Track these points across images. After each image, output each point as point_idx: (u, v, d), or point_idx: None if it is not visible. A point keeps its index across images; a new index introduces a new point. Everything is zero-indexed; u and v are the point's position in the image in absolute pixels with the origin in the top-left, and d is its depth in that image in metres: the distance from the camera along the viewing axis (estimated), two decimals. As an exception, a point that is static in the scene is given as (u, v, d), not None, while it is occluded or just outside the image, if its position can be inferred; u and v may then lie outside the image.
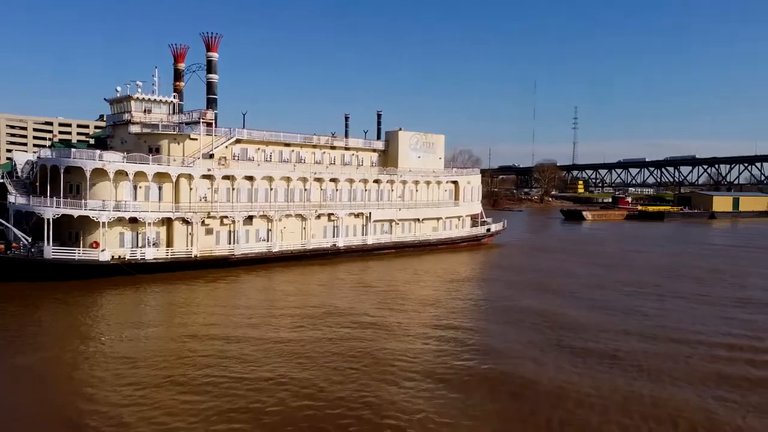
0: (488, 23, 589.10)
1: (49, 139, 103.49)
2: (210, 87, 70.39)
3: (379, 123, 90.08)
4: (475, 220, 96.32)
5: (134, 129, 64.37)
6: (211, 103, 70.63)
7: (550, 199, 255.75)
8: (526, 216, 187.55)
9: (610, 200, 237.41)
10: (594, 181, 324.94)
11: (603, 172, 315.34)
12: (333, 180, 75.84)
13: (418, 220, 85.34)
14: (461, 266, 73.85)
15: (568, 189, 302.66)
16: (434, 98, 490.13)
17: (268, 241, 69.11)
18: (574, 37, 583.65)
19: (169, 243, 62.01)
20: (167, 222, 61.78)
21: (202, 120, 64.13)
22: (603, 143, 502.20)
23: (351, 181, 77.67)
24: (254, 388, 28.82)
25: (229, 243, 65.86)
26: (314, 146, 76.85)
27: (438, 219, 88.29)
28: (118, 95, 66.76)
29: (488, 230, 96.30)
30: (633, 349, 36.66)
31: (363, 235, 78.87)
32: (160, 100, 66.15)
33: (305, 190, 73.11)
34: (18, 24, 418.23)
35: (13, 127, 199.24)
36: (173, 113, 67.72)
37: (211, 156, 64.97)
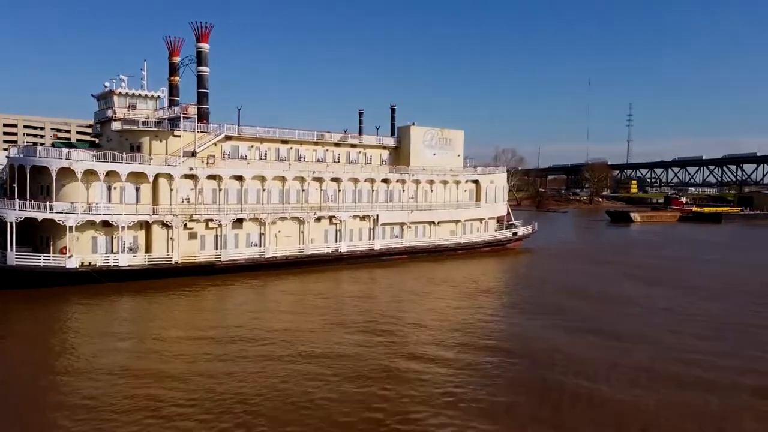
0: (535, 23, 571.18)
1: (54, 137, 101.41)
2: (200, 80, 65.46)
3: (393, 119, 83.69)
4: (501, 223, 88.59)
5: (116, 126, 60.08)
6: (201, 98, 65.72)
7: (600, 199, 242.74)
8: (570, 218, 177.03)
9: (663, 201, 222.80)
10: (650, 180, 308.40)
11: (659, 171, 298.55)
12: (335, 180, 69.83)
13: (434, 223, 78.37)
14: (481, 275, 66.57)
15: (621, 189, 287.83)
16: (473, 97, 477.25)
17: (260, 246, 63.69)
18: (628, 34, 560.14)
19: (149, 248, 57.35)
20: (146, 226, 57.11)
21: (182, 115, 59.20)
22: (664, 141, 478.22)
23: (355, 180, 71.47)
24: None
25: (216, 248, 60.73)
26: (315, 143, 71.03)
27: (456, 222, 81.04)
28: (104, 91, 62.67)
29: (514, 234, 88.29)
30: None
31: (370, 239, 72.53)
32: (146, 95, 61.66)
33: (303, 190, 67.36)
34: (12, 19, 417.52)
35: (32, 128, 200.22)
36: (161, 109, 63.11)
37: (194, 154, 59.94)
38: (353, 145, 74.62)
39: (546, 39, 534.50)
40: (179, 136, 60.60)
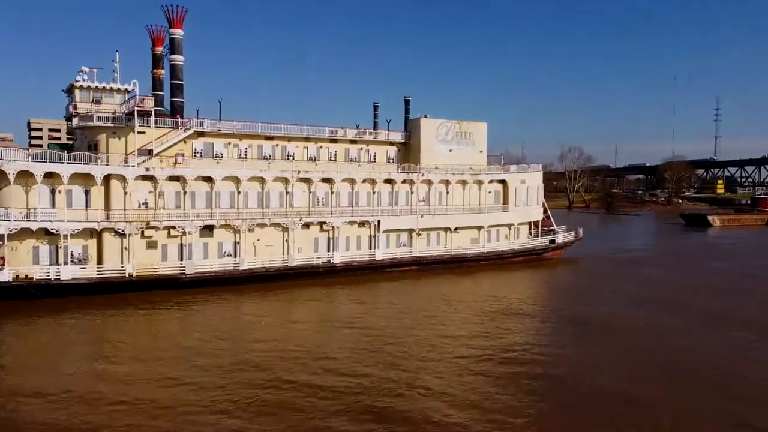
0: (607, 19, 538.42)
1: (50, 138, 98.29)
2: (174, 71, 58.62)
3: (406, 112, 74.00)
4: (541, 229, 77.17)
5: (75, 122, 54.00)
6: (175, 90, 58.85)
7: (680, 200, 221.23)
8: (640, 221, 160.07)
9: (748, 202, 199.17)
10: (740, 180, 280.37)
11: (749, 169, 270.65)
12: (325, 180, 61.07)
13: (450, 229, 68.09)
14: (506, 291, 56.04)
15: (706, 189, 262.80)
16: (533, 94, 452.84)
17: (235, 256, 55.87)
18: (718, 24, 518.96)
19: (101, 259, 50.74)
20: (96, 234, 50.52)
21: (137, 108, 52.17)
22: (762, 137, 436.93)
23: (351, 181, 62.41)
24: None
25: (181, 259, 53.38)
26: (306, 139, 62.56)
27: (479, 228, 70.38)
28: (69, 85, 56.82)
29: (552, 241, 76.37)
30: None
31: (371, 248, 63.26)
32: (112, 89, 55.16)
33: (287, 193, 59.02)
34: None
35: (56, 130, 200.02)
36: (125, 103, 56.55)
37: (150, 153, 52.84)
38: (353, 141, 65.60)
39: (621, 32, 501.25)
40: (143, 132, 53.72)
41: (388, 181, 64.61)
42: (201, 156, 56.84)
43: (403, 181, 65.44)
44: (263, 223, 57.15)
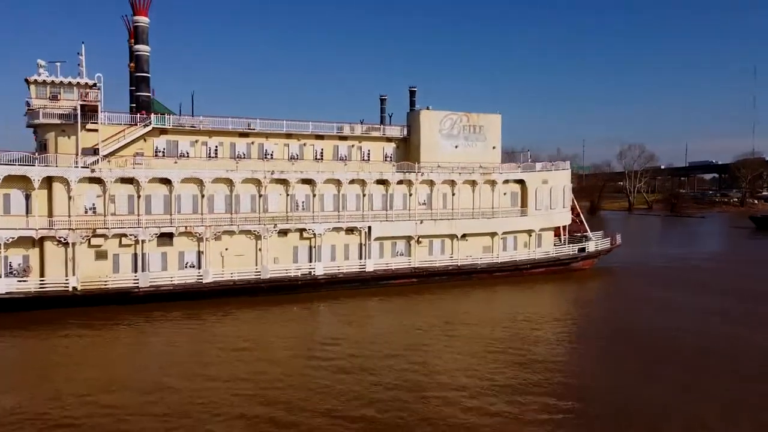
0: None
1: None
2: (138, 62, 53.29)
3: (412, 104, 66.14)
4: (580, 235, 68.07)
5: (27, 120, 49.42)
6: (140, 84, 53.50)
7: (755, 201, 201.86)
8: (706, 224, 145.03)
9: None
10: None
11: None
12: (306, 181, 54.12)
13: (456, 236, 59.74)
14: (521, 310, 47.56)
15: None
16: (587, 87, 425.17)
17: (198, 267, 49.75)
18: None
19: (43, 271, 45.69)
20: (38, 243, 45.47)
21: (81, 103, 46.79)
22: None
23: (337, 182, 55.17)
24: None
25: (135, 271, 47.68)
26: (288, 136, 55.85)
27: (492, 235, 61.67)
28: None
29: (581, 250, 66.62)
30: None
31: (360, 258, 55.84)
32: (71, 83, 50.11)
33: (260, 196, 52.41)
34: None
35: None
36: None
37: (96, 152, 47.37)
38: (342, 138, 58.37)
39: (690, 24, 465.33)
40: (94, 130, 48.46)
41: (381, 182, 56.97)
42: (164, 155, 51.07)
43: (399, 182, 57.65)
44: (231, 230, 50.72)
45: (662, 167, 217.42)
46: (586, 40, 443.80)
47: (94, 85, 50.51)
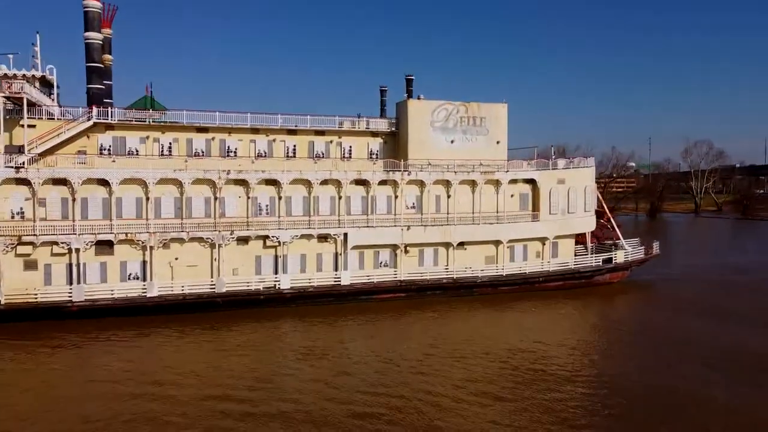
0: None
1: None
2: (88, 51, 48.39)
3: (409, 95, 58.49)
4: (611, 243, 59.81)
5: (-34, 116, 45.15)
6: (91, 75, 48.56)
7: None
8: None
9: None
10: None
11: None
12: (270, 182, 47.56)
13: (451, 245, 51.77)
14: (526, 336, 39.66)
15: None
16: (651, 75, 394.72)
17: (144, 279, 44.12)
18: None
19: (-33, 282, 41.17)
20: (-39, 251, 41.00)
21: (2, 95, 41.88)
22: None
23: (306, 183, 48.34)
24: None
25: (69, 283, 42.51)
26: (253, 131, 49.56)
27: (496, 243, 53.31)
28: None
29: (608, 261, 57.11)
30: None
31: (335, 270, 48.85)
32: (15, 75, 45.64)
33: (215, 198, 46.25)
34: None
35: None
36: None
37: (20, 149, 42.38)
38: (319, 132, 51.53)
39: None
40: (33, 126, 43.71)
41: (360, 182, 49.73)
42: (110, 154, 45.76)
43: (382, 183, 50.23)
44: (180, 237, 44.81)
45: (736, 165, 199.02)
46: (651, 31, 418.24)
47: (40, 78, 46.00)
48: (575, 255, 57.73)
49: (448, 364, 32.94)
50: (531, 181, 54.98)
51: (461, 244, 52.21)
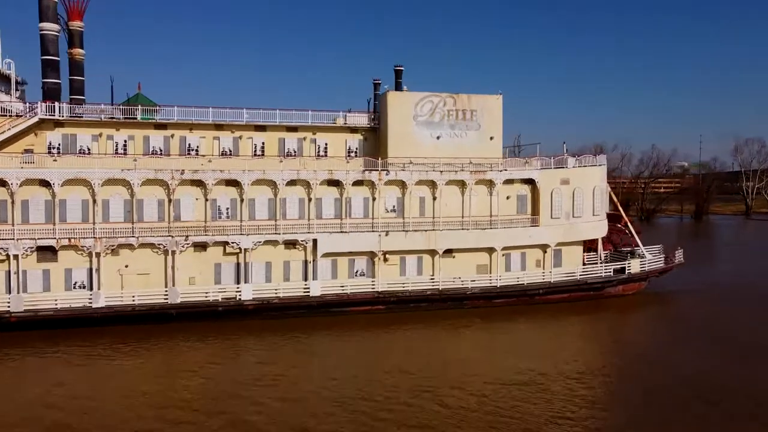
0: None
1: None
2: (43, 43, 45.27)
3: (398, 87, 53.53)
4: (628, 250, 53.92)
5: None
6: (46, 68, 45.48)
7: None
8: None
9: None
10: None
11: None
12: (230, 183, 43.40)
13: (437, 252, 46.59)
14: (519, 361, 34.38)
15: None
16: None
17: (90, 288, 40.63)
18: None
19: None
20: None
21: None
22: None
23: (271, 184, 43.97)
24: None
25: (8, 292, 39.38)
26: (217, 127, 45.56)
27: (490, 251, 47.82)
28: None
29: (619, 271, 50.83)
30: None
31: (305, 279, 44.38)
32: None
33: (169, 201, 42.37)
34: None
35: None
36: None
37: (-54, 148, 39.46)
38: (291, 129, 47.13)
39: None
40: (-25, 123, 40.83)
41: (333, 183, 45.05)
42: (59, 152, 42.49)
43: (357, 183, 45.41)
44: (130, 243, 41.12)
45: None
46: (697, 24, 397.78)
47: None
48: (584, 264, 51.72)
49: (410, 401, 27.63)
50: (530, 182, 49.20)
51: (449, 252, 46.97)
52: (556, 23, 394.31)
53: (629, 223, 56.80)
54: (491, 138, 48.81)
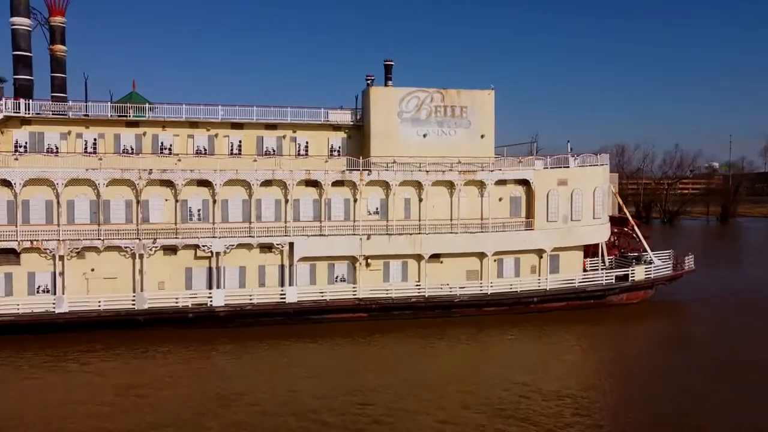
0: None
1: None
2: (14, 38, 43.80)
3: (387, 83, 50.88)
4: (634, 256, 51.73)
5: None
6: (17, 65, 44.01)
7: None
8: None
9: None
10: None
11: None
12: (201, 183, 41.35)
13: (421, 257, 43.93)
14: (507, 376, 31.89)
15: None
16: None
17: (54, 293, 38.97)
18: None
19: None
20: None
21: None
22: None
23: (244, 185, 41.78)
24: None
25: (-33, 296, 37.98)
26: (192, 125, 43.56)
27: (480, 256, 45.01)
28: None
29: (625, 277, 47.59)
30: None
31: (282, 285, 42.15)
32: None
33: (137, 202, 40.47)
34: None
35: None
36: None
37: None
38: (269, 126, 44.91)
39: None
40: (-61, 120, 39.51)
41: (311, 183, 42.70)
42: (25, 150, 40.94)
43: (337, 184, 42.97)
44: (95, 245, 39.33)
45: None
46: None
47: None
48: (586, 270, 48.61)
49: (382, 418, 25.22)
50: (524, 183, 46.17)
51: (436, 257, 44.27)
52: (575, 23, 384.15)
53: (636, 227, 53.42)
54: (482, 136, 45.92)
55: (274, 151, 44.63)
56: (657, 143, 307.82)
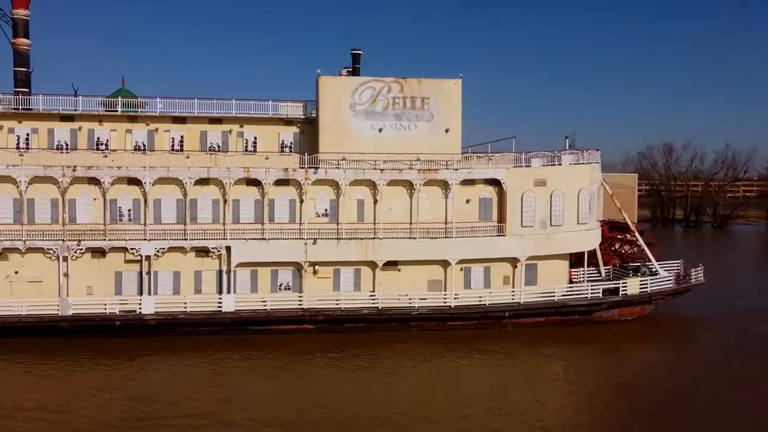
0: None
1: None
2: (-38, 30, 42.11)
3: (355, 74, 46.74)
4: (636, 265, 46.10)
5: None
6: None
7: None
8: None
9: None
10: None
11: None
12: (131, 181, 38.42)
13: (375, 263, 39.67)
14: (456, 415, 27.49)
15: None
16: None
17: (-28, 297, 36.98)
18: None
19: None
20: None
21: None
22: None
23: (179, 183, 38.58)
24: None
25: None
26: (130, 119, 40.72)
27: (444, 264, 40.38)
28: None
29: (611, 291, 41.89)
30: None
31: (219, 292, 38.82)
32: None
33: (62, 201, 37.89)
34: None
35: None
36: None
37: None
38: (214, 120, 41.58)
39: None
40: None
41: (252, 182, 39.12)
42: (-46, 147, 39.11)
43: (281, 183, 39.23)
44: (16, 246, 37.02)
45: None
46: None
47: None
48: (572, 281, 43.22)
49: None
50: (495, 183, 41.13)
51: (392, 264, 39.90)
52: (615, 15, 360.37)
53: (638, 234, 47.42)
54: (447, 130, 41.12)
55: (219, 147, 41.31)
56: (704, 141, 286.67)
